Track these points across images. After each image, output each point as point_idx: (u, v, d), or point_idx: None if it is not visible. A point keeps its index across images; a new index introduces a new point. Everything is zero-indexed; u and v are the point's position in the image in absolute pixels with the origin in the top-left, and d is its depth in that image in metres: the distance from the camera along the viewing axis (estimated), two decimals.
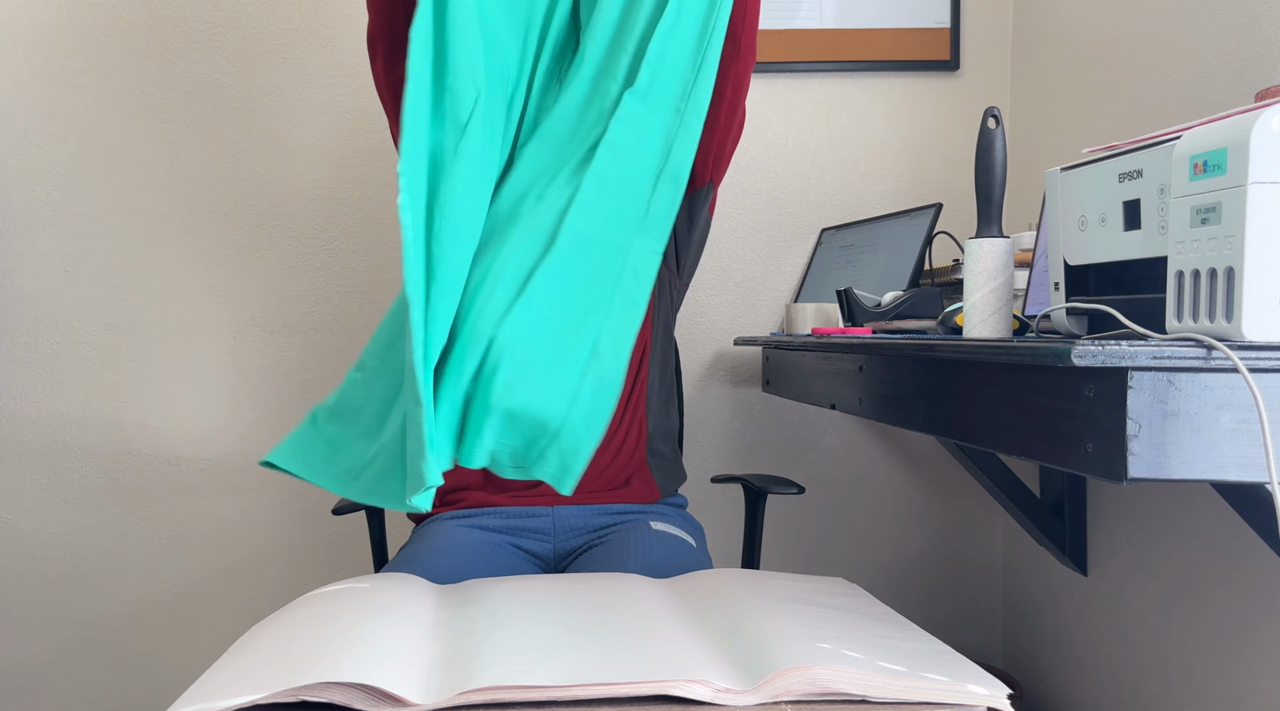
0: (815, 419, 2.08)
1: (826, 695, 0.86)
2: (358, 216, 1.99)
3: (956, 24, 2.02)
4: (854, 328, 1.38)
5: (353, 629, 0.99)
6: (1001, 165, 1.06)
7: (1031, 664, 1.99)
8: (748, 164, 2.04)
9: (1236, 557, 1.40)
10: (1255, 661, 1.37)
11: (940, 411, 1.05)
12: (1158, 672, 1.58)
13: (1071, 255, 0.97)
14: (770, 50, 2.01)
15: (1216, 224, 0.74)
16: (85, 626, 1.98)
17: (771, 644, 0.96)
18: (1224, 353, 0.70)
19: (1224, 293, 0.74)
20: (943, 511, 2.11)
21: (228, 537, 2.00)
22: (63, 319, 1.95)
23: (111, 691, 1.99)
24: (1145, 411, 0.73)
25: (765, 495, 1.57)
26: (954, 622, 2.12)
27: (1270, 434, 0.70)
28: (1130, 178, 0.87)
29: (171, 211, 1.96)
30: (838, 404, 1.41)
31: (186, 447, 1.98)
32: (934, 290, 1.34)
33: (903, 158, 2.05)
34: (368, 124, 1.98)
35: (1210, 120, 0.79)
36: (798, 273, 2.07)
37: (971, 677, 0.90)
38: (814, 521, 2.08)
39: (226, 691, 0.84)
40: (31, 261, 1.94)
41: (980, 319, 1.03)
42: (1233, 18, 1.39)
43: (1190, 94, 1.48)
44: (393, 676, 0.88)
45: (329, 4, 1.96)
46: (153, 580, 1.99)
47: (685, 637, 1.00)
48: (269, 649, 0.94)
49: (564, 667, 0.90)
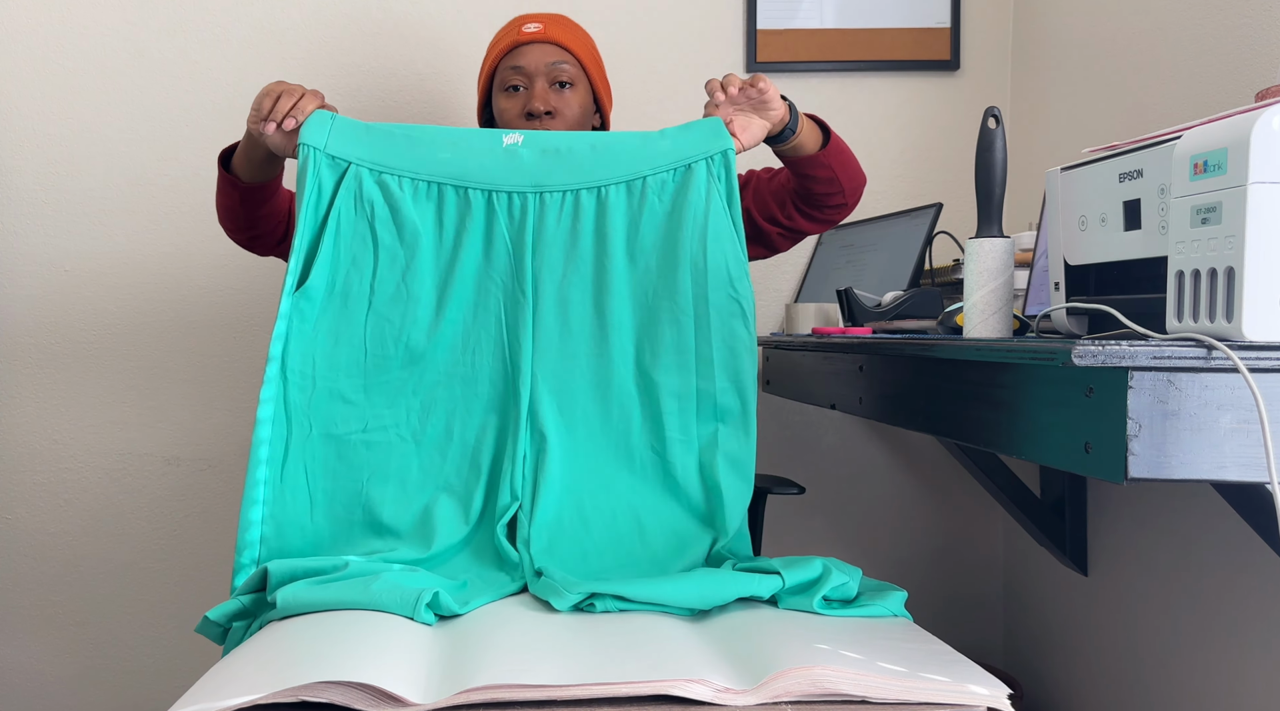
0: (815, 419, 2.08)
1: (827, 695, 0.86)
2: None
3: (956, 24, 2.02)
4: (854, 328, 1.38)
5: (352, 628, 0.99)
6: (1001, 165, 1.06)
7: (1031, 664, 1.99)
8: (748, 164, 2.04)
9: (1236, 557, 1.40)
10: (1255, 661, 1.37)
11: (940, 411, 1.05)
12: (1158, 672, 1.58)
13: (1071, 255, 0.97)
14: (770, 50, 2.01)
15: (1217, 224, 0.74)
16: (85, 626, 1.98)
17: (771, 644, 0.96)
18: (1224, 352, 0.70)
19: (1224, 293, 0.74)
20: (943, 511, 2.11)
21: (228, 537, 2.00)
22: (63, 319, 1.95)
23: (111, 691, 1.98)
24: (1145, 411, 0.73)
25: (765, 495, 1.57)
26: (954, 622, 2.12)
27: (1270, 434, 0.70)
28: (1130, 178, 0.87)
29: (171, 211, 1.95)
30: (838, 404, 1.41)
31: (186, 447, 1.98)
32: (934, 290, 1.34)
33: (903, 158, 2.05)
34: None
35: (1210, 120, 0.79)
36: (798, 273, 2.07)
37: (972, 678, 0.90)
38: (814, 521, 2.08)
39: (227, 691, 0.84)
40: (31, 261, 1.94)
41: (980, 319, 1.03)
42: (1233, 18, 1.39)
43: (1190, 94, 1.48)
44: (392, 676, 0.87)
45: (329, 4, 1.96)
46: (153, 580, 1.99)
47: (685, 637, 1.00)
48: (269, 649, 0.94)
49: (563, 667, 0.90)
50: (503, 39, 1.47)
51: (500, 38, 1.49)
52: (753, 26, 2.00)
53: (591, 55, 1.49)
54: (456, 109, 1.99)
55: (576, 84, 1.45)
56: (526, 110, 1.41)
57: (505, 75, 1.44)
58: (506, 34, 1.47)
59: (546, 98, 1.41)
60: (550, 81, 1.42)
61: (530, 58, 1.42)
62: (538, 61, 1.42)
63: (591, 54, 1.49)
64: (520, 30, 1.44)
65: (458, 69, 1.98)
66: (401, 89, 1.98)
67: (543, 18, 1.46)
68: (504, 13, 1.98)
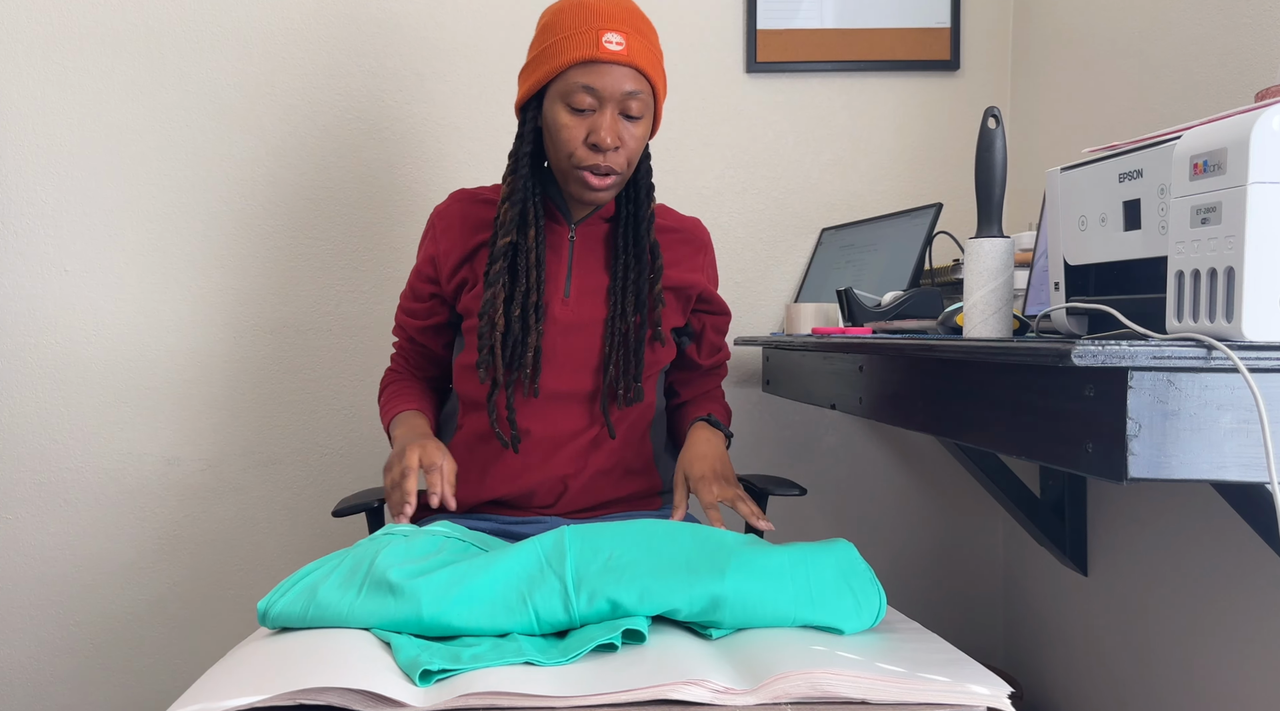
0: (815, 419, 2.08)
1: (827, 697, 0.86)
2: (358, 216, 1.99)
3: (956, 24, 2.02)
4: (854, 328, 1.38)
5: (351, 632, 0.99)
6: (1001, 165, 1.06)
7: (1031, 664, 1.99)
8: (748, 163, 2.04)
9: (1236, 557, 1.40)
10: (1255, 661, 1.37)
11: (940, 411, 1.05)
12: (1158, 672, 1.58)
13: (1071, 255, 0.97)
14: (770, 50, 2.01)
15: (1216, 224, 0.74)
16: (85, 626, 1.98)
17: (770, 645, 0.96)
18: (1224, 352, 0.70)
19: (1224, 293, 0.74)
20: (943, 511, 2.11)
21: (228, 537, 2.00)
22: (63, 319, 1.95)
23: (111, 691, 1.99)
24: (1145, 411, 0.73)
25: (766, 496, 1.56)
26: (954, 622, 2.12)
27: (1270, 434, 0.70)
28: (1130, 178, 0.87)
29: (171, 211, 1.95)
30: (838, 404, 1.41)
31: (186, 447, 1.98)
32: (934, 290, 1.34)
33: (903, 158, 2.05)
34: (368, 124, 1.98)
35: (1210, 120, 0.79)
36: (798, 273, 2.07)
37: (973, 677, 0.90)
38: (814, 521, 2.08)
39: (226, 692, 0.84)
40: (31, 261, 1.94)
41: (980, 319, 1.03)
42: (1233, 18, 1.39)
43: (1190, 94, 1.47)
44: (391, 681, 0.88)
45: (329, 4, 1.96)
46: (153, 580, 1.99)
47: (683, 640, 1.00)
48: (269, 651, 0.94)
49: (561, 675, 0.90)
50: (578, 43, 1.28)
51: (572, 36, 1.28)
52: (753, 26, 2.00)
53: (662, 76, 1.35)
54: (456, 108, 1.99)
55: (644, 116, 1.32)
56: (593, 141, 1.28)
57: (575, 91, 1.28)
58: (582, 38, 1.28)
59: (616, 130, 1.28)
60: (620, 110, 1.29)
61: (608, 80, 1.27)
62: (615, 87, 1.27)
63: (662, 74, 1.36)
64: (601, 43, 1.26)
65: (458, 69, 1.98)
66: (401, 89, 1.98)
67: (623, 26, 1.29)
68: (504, 12, 1.98)
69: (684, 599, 1.00)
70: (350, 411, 2.00)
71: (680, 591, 1.00)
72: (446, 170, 2.00)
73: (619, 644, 0.96)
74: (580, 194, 1.33)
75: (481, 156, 2.00)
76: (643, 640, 0.98)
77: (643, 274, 1.38)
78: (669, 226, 1.46)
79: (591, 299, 1.38)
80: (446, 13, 1.98)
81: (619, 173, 1.32)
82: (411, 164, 1.99)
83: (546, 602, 1.00)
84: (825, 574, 1.05)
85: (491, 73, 1.99)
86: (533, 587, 1.00)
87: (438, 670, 0.89)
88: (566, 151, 1.30)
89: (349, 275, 1.99)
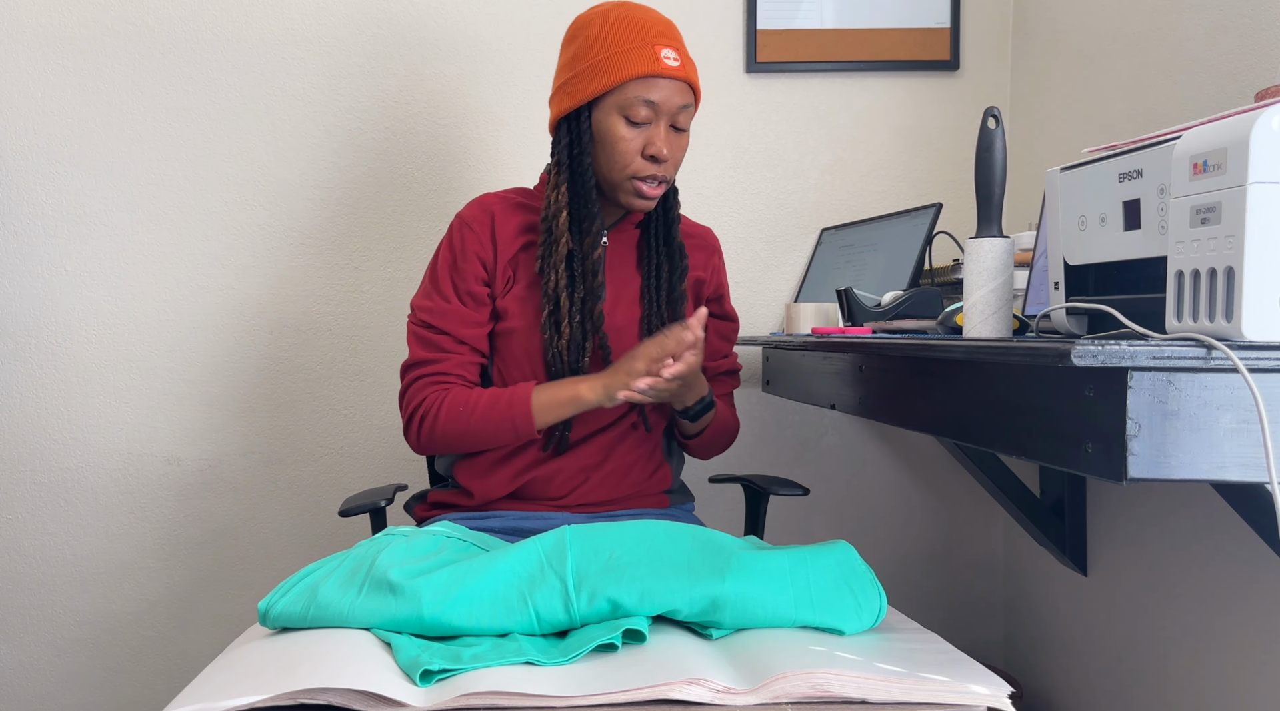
0: (815, 419, 2.08)
1: (827, 697, 0.86)
2: (358, 216, 1.99)
3: (956, 24, 2.02)
4: (854, 328, 1.38)
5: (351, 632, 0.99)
6: (1001, 165, 1.06)
7: (1031, 664, 1.99)
8: (748, 164, 2.04)
9: (1236, 557, 1.40)
10: (1255, 661, 1.37)
11: (940, 411, 1.05)
12: (1158, 672, 1.58)
13: (1071, 255, 0.97)
14: (770, 50, 2.01)
15: (1216, 224, 0.74)
16: (85, 626, 1.98)
17: (769, 645, 0.96)
18: (1224, 352, 0.70)
19: (1224, 293, 0.74)
20: (943, 511, 2.11)
21: (228, 537, 2.00)
22: (63, 319, 1.95)
23: (111, 691, 1.99)
24: (1145, 411, 0.73)
25: (767, 496, 1.56)
26: (954, 622, 2.12)
27: (1270, 434, 0.70)
28: (1130, 178, 0.87)
29: (171, 211, 1.95)
30: (838, 404, 1.41)
31: (186, 447, 1.98)
32: (934, 290, 1.34)
33: (903, 158, 2.05)
34: (367, 123, 1.98)
35: (1210, 120, 0.79)
36: (798, 273, 2.07)
37: (973, 677, 0.90)
38: (814, 521, 2.08)
39: (226, 692, 0.84)
40: (31, 261, 1.94)
41: (980, 319, 1.03)
42: (1233, 18, 1.39)
43: (1190, 94, 1.48)
44: (392, 681, 0.88)
45: (329, 4, 1.96)
46: (153, 580, 1.99)
47: (683, 640, 1.00)
48: (269, 650, 0.94)
49: (562, 675, 0.90)
50: (637, 59, 1.31)
51: (630, 52, 1.31)
52: (753, 26, 2.00)
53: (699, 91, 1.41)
54: (456, 109, 1.99)
55: (689, 127, 1.38)
56: (651, 153, 1.32)
57: (634, 104, 1.30)
58: (641, 53, 1.31)
59: (670, 142, 1.33)
60: (671, 123, 1.34)
61: (665, 93, 1.31)
62: (671, 100, 1.31)
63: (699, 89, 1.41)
64: (660, 59, 1.31)
65: (458, 69, 1.99)
66: (401, 89, 1.98)
67: (673, 42, 1.34)
68: (504, 13, 1.98)
69: (684, 599, 1.01)
70: (350, 411, 2.01)
71: (680, 592, 1.01)
72: (447, 169, 2.00)
73: (619, 644, 0.96)
74: (631, 203, 1.36)
75: (481, 156, 2.00)
76: (643, 640, 0.98)
77: (673, 273, 1.43)
78: (684, 231, 1.49)
79: (627, 301, 1.41)
80: (447, 13, 1.98)
81: (669, 182, 1.37)
82: (412, 163, 1.99)
83: (547, 602, 1.00)
84: (825, 575, 1.05)
85: (492, 72, 1.99)
86: (533, 587, 1.01)
87: (438, 670, 0.90)
88: (623, 163, 1.32)
89: (349, 275, 1.99)
